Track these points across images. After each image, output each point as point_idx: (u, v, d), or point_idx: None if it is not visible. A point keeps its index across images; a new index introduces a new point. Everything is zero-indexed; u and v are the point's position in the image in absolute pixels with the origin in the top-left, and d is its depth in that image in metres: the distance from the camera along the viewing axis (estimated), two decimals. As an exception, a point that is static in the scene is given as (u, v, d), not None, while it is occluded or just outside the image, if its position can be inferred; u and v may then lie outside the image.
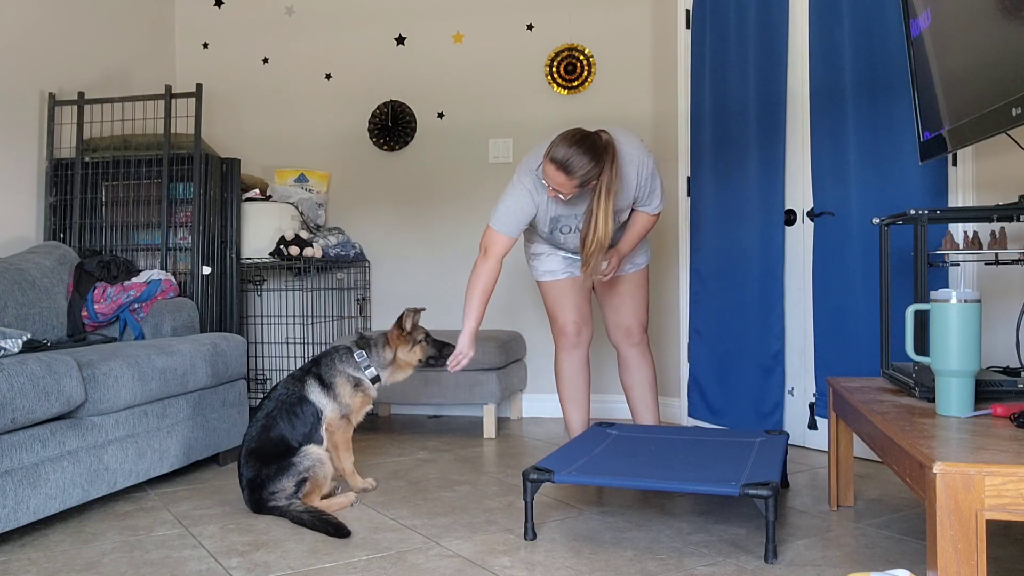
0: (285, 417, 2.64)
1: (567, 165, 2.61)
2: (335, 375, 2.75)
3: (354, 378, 2.77)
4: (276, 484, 2.52)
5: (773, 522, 2.06)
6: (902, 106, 2.95)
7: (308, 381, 2.72)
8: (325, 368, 2.76)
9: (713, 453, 2.51)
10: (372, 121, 4.46)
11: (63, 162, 3.75)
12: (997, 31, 1.97)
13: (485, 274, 2.85)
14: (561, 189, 2.67)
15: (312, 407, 2.68)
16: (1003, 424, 1.70)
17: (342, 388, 2.74)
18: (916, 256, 2.11)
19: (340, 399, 2.73)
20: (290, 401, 2.67)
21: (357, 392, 2.77)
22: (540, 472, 2.26)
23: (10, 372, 2.20)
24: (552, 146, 2.64)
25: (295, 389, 2.70)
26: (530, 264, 3.17)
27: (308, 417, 2.67)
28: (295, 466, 2.54)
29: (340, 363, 2.77)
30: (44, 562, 2.16)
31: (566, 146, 2.61)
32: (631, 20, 4.18)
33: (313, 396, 2.70)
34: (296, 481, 2.52)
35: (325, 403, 2.71)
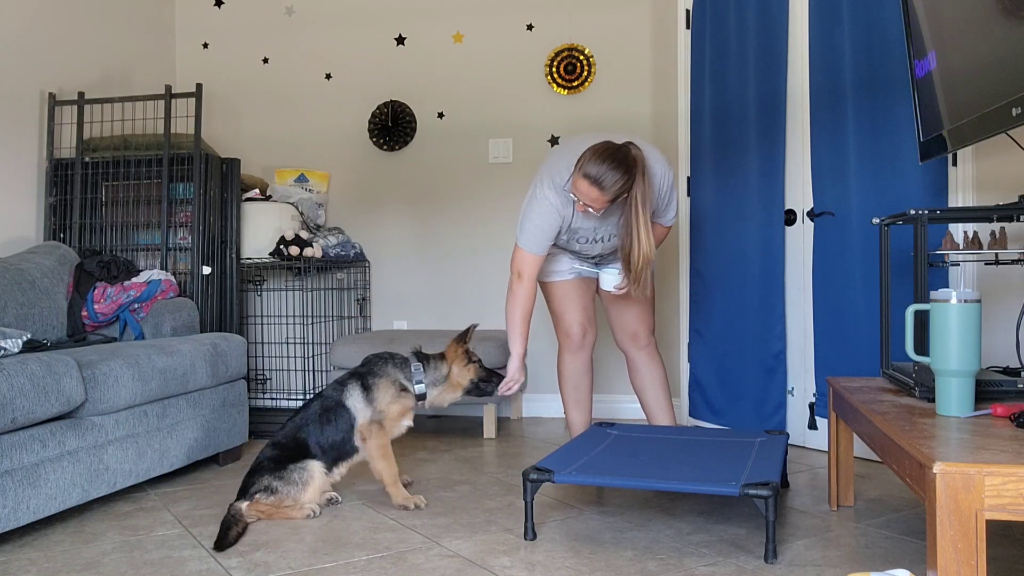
0: (317, 422, 2.58)
1: (601, 181, 2.57)
2: (379, 377, 2.64)
3: (400, 384, 2.66)
4: (258, 479, 2.49)
5: (773, 522, 2.06)
6: (902, 106, 2.95)
7: (350, 385, 2.63)
8: (373, 369, 2.67)
9: (713, 453, 2.51)
10: (372, 121, 4.46)
11: (63, 162, 3.75)
12: (997, 31, 1.97)
13: (524, 298, 2.81)
14: (594, 204, 2.63)
15: (347, 414, 2.59)
16: (1003, 424, 1.70)
17: (383, 392, 2.63)
18: (916, 256, 2.11)
19: (376, 403, 2.61)
20: (326, 406, 2.61)
21: (398, 400, 2.65)
22: (540, 472, 2.25)
23: (10, 372, 2.20)
24: (584, 161, 2.59)
25: (335, 395, 2.62)
26: None
27: (341, 424, 2.58)
28: (279, 474, 2.48)
29: (392, 368, 2.68)
30: (44, 562, 2.16)
31: (599, 161, 2.57)
32: (631, 20, 4.18)
33: (350, 402, 2.60)
34: (265, 486, 2.47)
35: (360, 409, 2.60)
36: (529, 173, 4.27)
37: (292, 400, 4.25)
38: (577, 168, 2.61)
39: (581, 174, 2.59)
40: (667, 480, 2.17)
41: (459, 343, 2.75)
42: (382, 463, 2.60)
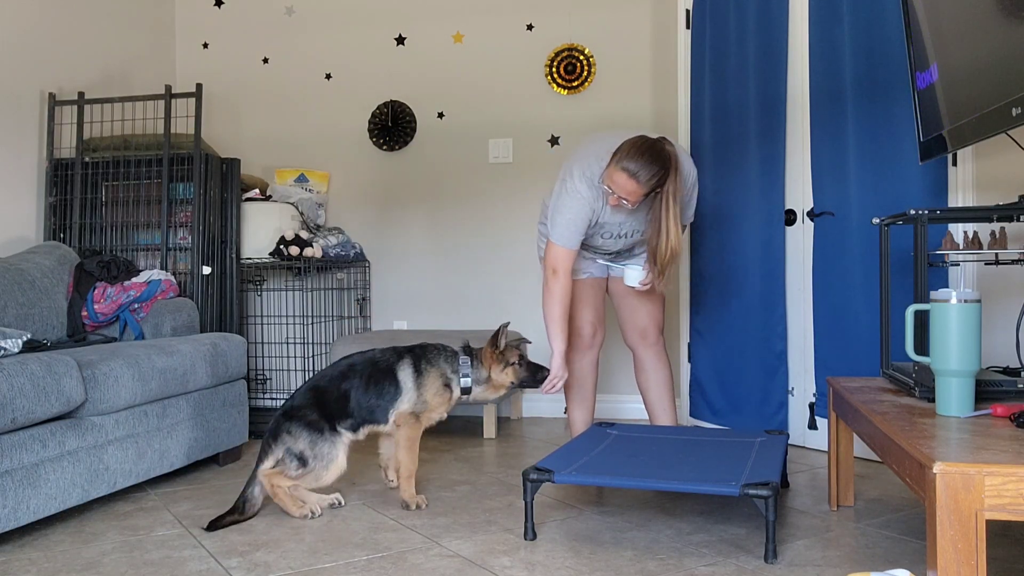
0: (364, 381, 2.59)
1: (639, 174, 2.60)
2: (431, 367, 2.65)
3: (446, 379, 2.66)
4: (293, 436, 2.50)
5: (773, 522, 2.06)
6: (902, 106, 2.95)
7: (405, 361, 2.64)
8: (428, 356, 2.67)
9: (713, 453, 2.51)
10: (372, 121, 4.46)
11: (63, 162, 3.75)
12: (997, 31, 1.97)
13: (562, 294, 2.80)
14: (630, 197, 2.65)
15: (395, 385, 2.60)
16: (1003, 424, 1.70)
17: (431, 382, 2.63)
18: (916, 256, 2.11)
19: (423, 392, 2.62)
20: (379, 368, 2.61)
21: (442, 393, 2.65)
22: (540, 472, 2.25)
23: (10, 372, 2.20)
24: (621, 154, 2.62)
25: (390, 359, 2.64)
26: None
27: (385, 391, 2.60)
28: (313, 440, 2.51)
29: (442, 360, 2.68)
30: (44, 562, 2.16)
31: (637, 154, 2.61)
32: (631, 20, 4.18)
33: (401, 375, 2.62)
34: (299, 453, 2.50)
35: (408, 388, 2.61)
36: (529, 173, 4.27)
37: (292, 400, 4.25)
38: (614, 161, 2.63)
39: (619, 167, 2.62)
40: (667, 480, 2.17)
41: (492, 347, 2.71)
42: (406, 455, 2.60)
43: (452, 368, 2.67)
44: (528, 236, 4.28)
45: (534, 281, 4.28)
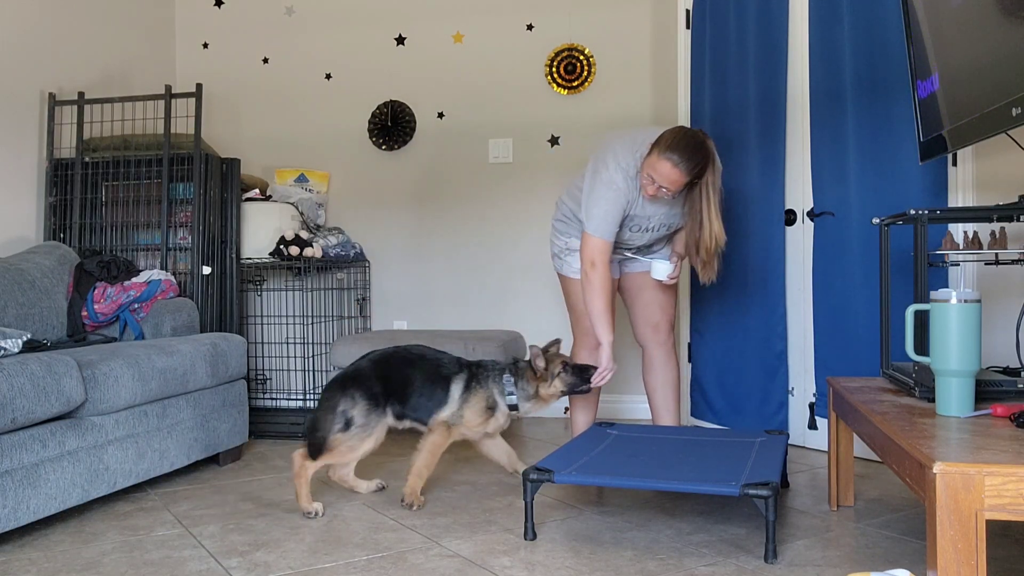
0: (425, 375, 2.68)
1: (682, 163, 2.61)
2: (480, 388, 2.71)
3: (491, 402, 2.71)
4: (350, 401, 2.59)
5: (773, 522, 2.06)
6: (902, 106, 2.95)
7: (462, 375, 2.71)
8: (479, 377, 2.72)
9: (713, 453, 2.51)
10: (372, 121, 4.46)
11: (63, 162, 3.75)
12: (997, 32, 1.97)
13: (604, 286, 2.79)
14: (671, 187, 2.66)
15: (444, 391, 2.68)
16: (1003, 424, 1.70)
17: (474, 402, 2.69)
18: (916, 256, 2.11)
19: (464, 409, 2.68)
20: (440, 372, 2.69)
21: (481, 414, 2.70)
22: (540, 472, 2.26)
23: (10, 372, 2.20)
24: (664, 144, 2.63)
25: (451, 368, 2.71)
26: (561, 259, 3.09)
27: (435, 396, 2.67)
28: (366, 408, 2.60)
29: (491, 383, 2.72)
30: (44, 562, 2.16)
31: (681, 144, 2.62)
32: (631, 20, 4.18)
33: (454, 387, 2.69)
34: (348, 417, 2.58)
35: (454, 399, 2.68)
36: (529, 173, 4.27)
37: (292, 400, 4.25)
38: (656, 151, 2.64)
39: (663, 156, 2.62)
40: (667, 480, 2.18)
41: (531, 371, 2.73)
42: (427, 456, 2.64)
43: (498, 390, 2.72)
44: (528, 236, 4.28)
45: (535, 281, 4.28)
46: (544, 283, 4.27)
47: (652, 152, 2.65)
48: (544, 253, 4.25)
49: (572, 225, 3.02)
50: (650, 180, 2.67)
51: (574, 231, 3.01)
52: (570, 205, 3.02)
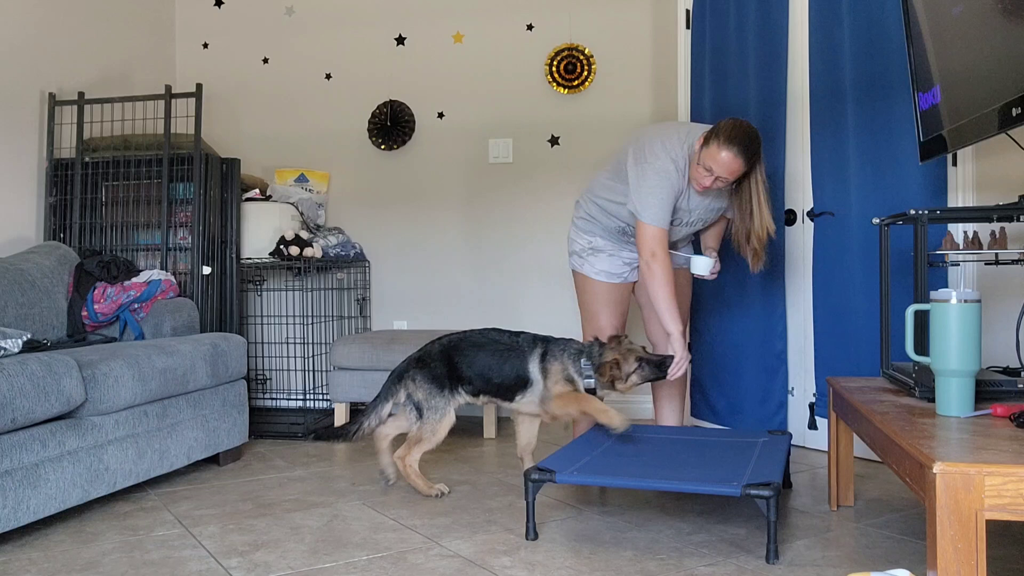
0: (498, 356, 2.71)
1: (743, 154, 2.63)
2: (556, 360, 2.70)
3: (569, 376, 2.69)
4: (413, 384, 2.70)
5: (775, 522, 2.06)
6: (902, 106, 2.95)
7: (536, 349, 2.72)
8: (554, 350, 2.71)
9: (715, 453, 2.51)
10: (372, 121, 4.46)
11: (63, 162, 3.75)
12: (997, 32, 1.97)
13: (668, 275, 2.75)
14: (729, 177, 2.68)
15: (522, 366, 2.70)
16: (1003, 424, 1.70)
17: (553, 375, 2.68)
18: (916, 256, 2.11)
19: (547, 383, 2.69)
20: (512, 349, 2.70)
21: (564, 385, 2.69)
22: (542, 472, 2.25)
23: (10, 372, 2.20)
24: (725, 134, 2.63)
25: (522, 347, 2.72)
26: (582, 257, 3.03)
27: (510, 368, 2.71)
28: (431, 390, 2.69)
29: (567, 358, 2.70)
30: (44, 562, 2.16)
31: (742, 134, 2.63)
32: (631, 20, 4.18)
33: (531, 364, 2.71)
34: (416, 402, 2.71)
35: (535, 376, 2.70)
36: (529, 173, 4.27)
37: (292, 400, 4.26)
38: (716, 141, 2.63)
39: (724, 147, 2.62)
40: (669, 480, 2.17)
41: (611, 367, 2.65)
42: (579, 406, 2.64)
43: (575, 368, 2.69)
44: (528, 236, 4.28)
45: (535, 281, 4.28)
46: (545, 283, 4.27)
47: (710, 144, 2.65)
48: (545, 253, 4.26)
49: (598, 224, 2.98)
50: (707, 172, 2.67)
51: (599, 230, 2.98)
52: (603, 197, 2.93)
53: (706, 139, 2.67)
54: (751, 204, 2.76)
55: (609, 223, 2.95)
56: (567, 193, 4.21)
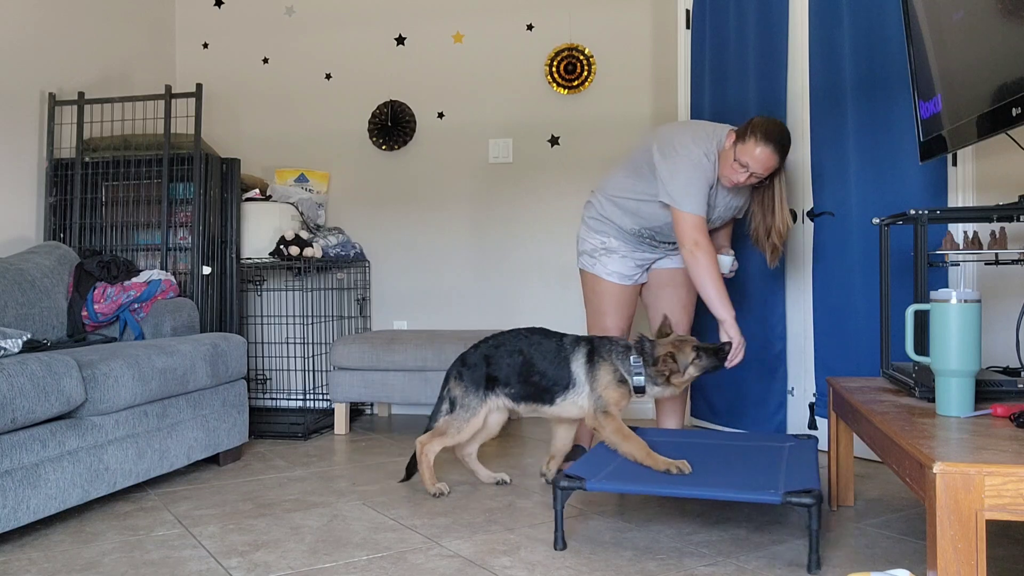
0: (539, 357, 2.63)
1: (780, 151, 2.67)
2: (604, 360, 2.58)
3: (619, 374, 2.57)
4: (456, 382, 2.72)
5: (817, 531, 1.99)
6: (902, 106, 2.95)
7: (580, 349, 2.62)
8: (600, 350, 2.60)
9: (744, 459, 2.45)
10: (372, 121, 4.46)
11: (63, 162, 3.75)
12: (997, 32, 1.97)
13: (712, 263, 2.72)
14: (765, 174, 2.71)
15: (566, 371, 2.60)
16: (1003, 424, 1.70)
17: (603, 375, 2.56)
18: (916, 256, 2.11)
19: (597, 387, 2.56)
20: (557, 354, 2.62)
21: (615, 387, 2.56)
22: (571, 479, 2.18)
23: (10, 372, 2.20)
24: (762, 131, 2.65)
25: (565, 349, 2.63)
26: (593, 257, 2.99)
27: (557, 379, 2.61)
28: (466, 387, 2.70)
29: (614, 355, 2.59)
30: (44, 562, 2.16)
31: (777, 131, 2.66)
32: (631, 20, 4.18)
33: (575, 365, 2.60)
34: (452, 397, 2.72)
35: (581, 379, 2.59)
36: (529, 173, 4.27)
37: (292, 400, 4.26)
38: (753, 139, 2.65)
39: (762, 143, 2.64)
40: (704, 487, 2.11)
41: (667, 359, 2.53)
42: (626, 445, 2.46)
43: (624, 367, 2.58)
44: (528, 236, 4.28)
45: (535, 281, 4.28)
46: (545, 283, 4.27)
47: (746, 140, 2.66)
48: (545, 252, 4.26)
49: (612, 224, 2.95)
50: (742, 168, 2.69)
51: (613, 230, 2.96)
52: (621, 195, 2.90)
53: (740, 135, 2.69)
54: (774, 201, 2.80)
55: (625, 223, 2.93)
56: (567, 193, 4.21)
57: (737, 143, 2.69)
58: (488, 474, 2.90)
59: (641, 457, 2.41)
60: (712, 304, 2.74)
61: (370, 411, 4.41)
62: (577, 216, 4.17)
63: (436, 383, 3.72)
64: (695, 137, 2.77)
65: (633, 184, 2.89)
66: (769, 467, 2.34)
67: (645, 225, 2.92)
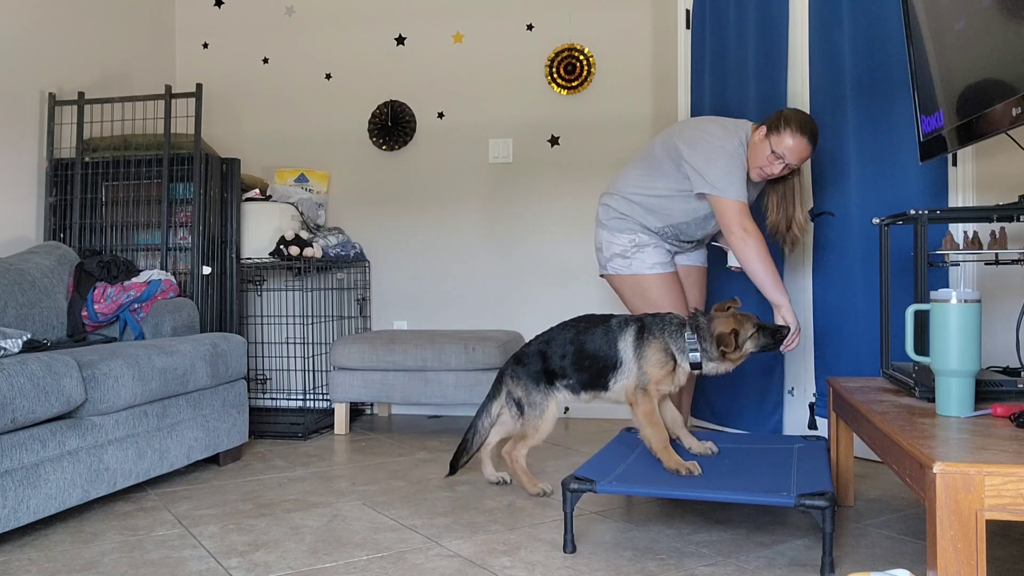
0: (589, 343, 2.55)
1: (814, 142, 2.75)
2: (654, 338, 2.48)
3: (670, 352, 2.47)
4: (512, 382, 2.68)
5: (831, 534, 1.96)
6: (902, 106, 2.95)
7: (629, 329, 2.51)
8: (651, 328, 2.50)
9: (754, 460, 2.43)
10: (372, 121, 4.46)
11: (63, 162, 3.75)
12: (997, 31, 1.97)
13: (763, 248, 2.72)
14: (798, 165, 2.80)
15: (615, 356, 2.50)
16: (1003, 424, 1.70)
17: (651, 354, 2.46)
18: (916, 256, 2.11)
19: (643, 364, 2.47)
20: (604, 336, 2.53)
21: (664, 365, 2.46)
22: (581, 481, 2.16)
23: (10, 372, 2.20)
24: (796, 124, 2.72)
25: (614, 329, 2.54)
26: (627, 258, 2.94)
27: (606, 360, 2.51)
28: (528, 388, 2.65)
29: (667, 332, 2.49)
30: (44, 562, 2.16)
31: (810, 123, 2.75)
32: (631, 20, 4.18)
33: (621, 344, 2.50)
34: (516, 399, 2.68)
35: (628, 359, 2.49)
36: (529, 173, 4.27)
37: (292, 400, 4.26)
38: (789, 130, 2.71)
39: (798, 135, 2.72)
40: (715, 490, 2.10)
41: (730, 335, 2.44)
42: (650, 430, 2.42)
43: (676, 344, 2.48)
44: (528, 236, 4.28)
45: (535, 281, 4.28)
46: (545, 282, 4.27)
47: (782, 132, 2.71)
48: (545, 252, 4.26)
49: (633, 221, 2.92)
50: (777, 159, 2.74)
51: (638, 226, 2.92)
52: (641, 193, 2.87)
53: (774, 128, 2.73)
54: (793, 193, 2.86)
55: (649, 221, 2.90)
56: (567, 193, 4.21)
57: (771, 135, 2.74)
58: (491, 471, 2.88)
59: (658, 448, 2.38)
60: (766, 289, 2.74)
61: (370, 411, 4.41)
62: (577, 216, 4.18)
63: (436, 383, 3.73)
64: (724, 129, 2.81)
65: (653, 181, 2.87)
66: (780, 469, 2.32)
67: (669, 223, 2.91)
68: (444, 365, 3.70)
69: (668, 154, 2.85)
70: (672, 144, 2.84)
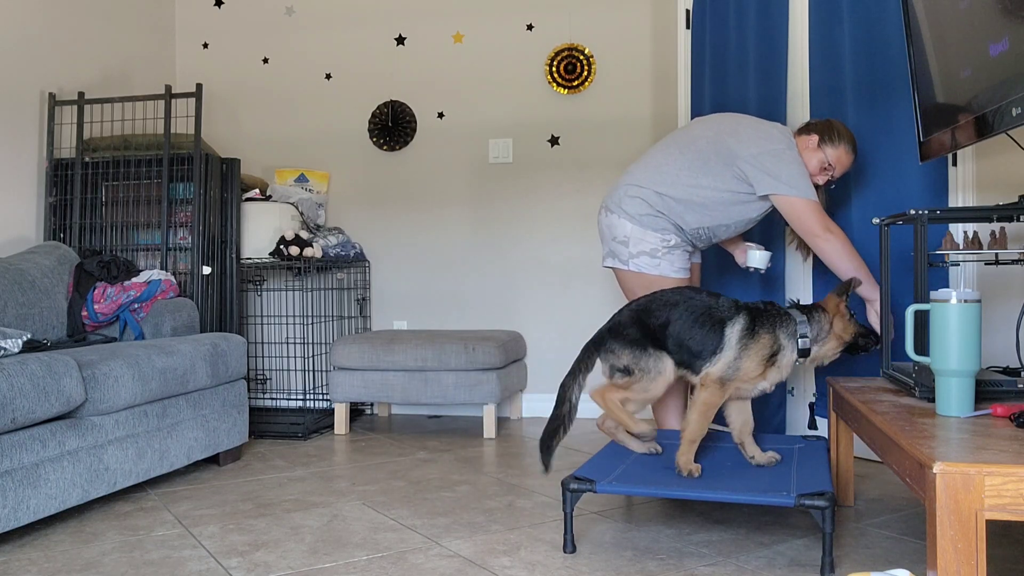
0: (693, 318, 2.31)
1: (856, 153, 2.83)
2: (765, 332, 2.30)
3: (779, 346, 2.31)
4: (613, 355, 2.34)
5: (831, 535, 1.95)
6: (902, 106, 2.95)
7: (741, 316, 2.31)
8: (764, 320, 2.32)
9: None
10: (372, 121, 4.46)
11: (63, 162, 3.75)
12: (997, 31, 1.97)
13: (848, 242, 2.72)
14: (840, 175, 2.85)
15: (719, 335, 2.30)
16: (1003, 424, 1.70)
17: (756, 349, 2.29)
18: (916, 256, 2.11)
19: (744, 357, 2.29)
20: (712, 316, 2.31)
21: (761, 365, 2.31)
22: (580, 481, 2.15)
23: (10, 372, 2.20)
24: (845, 137, 2.80)
25: (724, 311, 2.33)
26: (656, 257, 2.84)
27: (708, 342, 2.30)
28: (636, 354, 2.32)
29: (779, 329, 2.32)
30: (44, 562, 2.16)
31: (851, 136, 2.81)
32: (631, 20, 4.18)
33: (729, 329, 2.30)
34: (621, 368, 2.33)
35: (731, 344, 2.29)
36: (529, 173, 4.27)
37: (292, 400, 4.26)
38: (843, 142, 2.80)
39: (849, 148, 2.81)
40: (715, 490, 2.09)
41: (840, 296, 2.38)
42: (696, 418, 2.29)
43: (788, 333, 2.33)
44: (528, 236, 4.28)
45: (535, 281, 4.28)
46: (545, 282, 4.27)
47: (838, 145, 2.79)
48: (545, 252, 4.26)
49: (668, 220, 2.83)
50: (826, 171, 2.81)
51: (672, 226, 2.84)
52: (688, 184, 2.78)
53: (827, 139, 2.79)
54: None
55: (687, 220, 2.82)
56: (567, 193, 4.21)
57: (825, 146, 2.79)
58: (627, 437, 2.54)
59: (687, 437, 2.29)
60: (870, 281, 2.71)
61: (370, 411, 4.41)
62: (577, 216, 4.18)
63: (436, 383, 3.73)
64: (778, 129, 2.84)
65: (698, 179, 2.78)
66: (780, 469, 2.32)
67: (706, 224, 2.84)
68: (444, 365, 3.70)
69: (718, 152, 2.76)
70: (723, 143, 2.75)
